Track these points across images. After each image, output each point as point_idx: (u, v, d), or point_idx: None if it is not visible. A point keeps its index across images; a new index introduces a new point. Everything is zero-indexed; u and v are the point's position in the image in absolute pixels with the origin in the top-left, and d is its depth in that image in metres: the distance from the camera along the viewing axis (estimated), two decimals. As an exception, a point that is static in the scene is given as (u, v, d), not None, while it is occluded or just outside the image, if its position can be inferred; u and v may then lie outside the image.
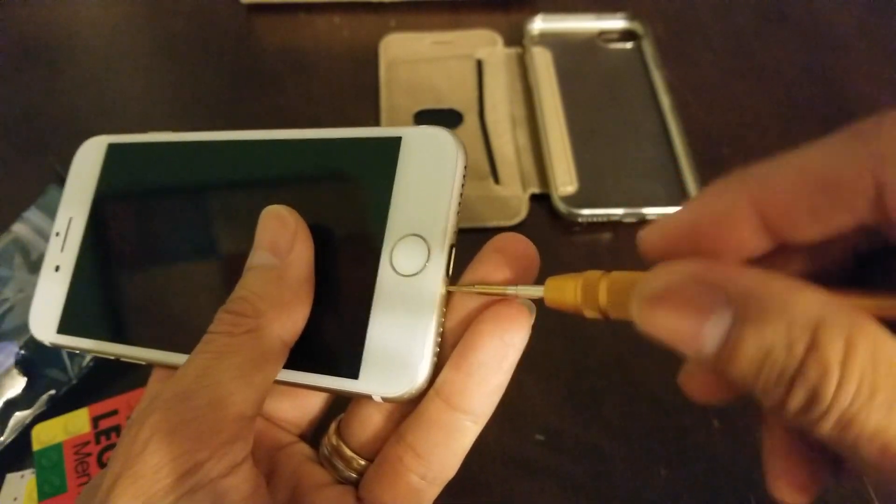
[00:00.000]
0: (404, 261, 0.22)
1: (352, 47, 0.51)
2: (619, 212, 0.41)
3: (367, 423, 0.24)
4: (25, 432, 0.34)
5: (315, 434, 0.27)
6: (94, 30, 0.53)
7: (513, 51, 0.49)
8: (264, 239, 0.23)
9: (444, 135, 0.23)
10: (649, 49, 0.48)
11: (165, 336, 0.26)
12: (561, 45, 0.49)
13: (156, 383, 0.26)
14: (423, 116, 0.46)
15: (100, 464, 0.32)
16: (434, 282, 0.21)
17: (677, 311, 0.15)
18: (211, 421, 0.19)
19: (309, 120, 0.47)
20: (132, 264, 0.28)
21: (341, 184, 0.24)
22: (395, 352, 0.21)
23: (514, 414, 0.35)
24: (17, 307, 0.37)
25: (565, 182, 0.42)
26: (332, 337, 0.23)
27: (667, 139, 0.44)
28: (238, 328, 0.21)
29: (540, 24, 0.50)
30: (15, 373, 0.35)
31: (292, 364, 0.23)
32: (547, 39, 0.49)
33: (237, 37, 0.52)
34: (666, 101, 0.45)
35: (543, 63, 0.48)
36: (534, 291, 0.20)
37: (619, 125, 0.45)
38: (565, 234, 0.42)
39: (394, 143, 0.23)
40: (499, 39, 0.50)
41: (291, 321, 0.22)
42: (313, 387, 0.23)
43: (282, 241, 0.22)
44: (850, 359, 0.13)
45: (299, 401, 0.26)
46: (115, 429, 0.33)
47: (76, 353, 0.35)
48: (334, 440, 0.24)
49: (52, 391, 0.35)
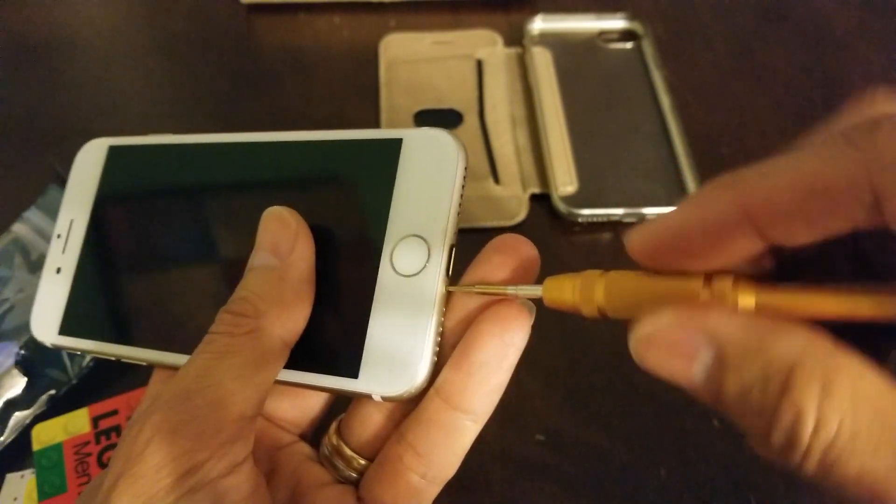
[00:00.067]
0: (404, 261, 0.22)
1: (352, 47, 0.51)
2: (619, 212, 0.41)
3: (367, 423, 0.24)
4: (25, 432, 0.34)
5: (315, 434, 0.27)
6: (94, 30, 0.53)
7: (513, 51, 0.49)
8: (265, 240, 0.23)
9: (445, 137, 0.23)
10: (649, 49, 0.48)
11: (166, 337, 0.26)
12: (561, 45, 0.49)
13: (157, 384, 0.26)
14: (423, 116, 0.46)
15: (100, 464, 0.32)
16: (434, 282, 0.21)
17: (666, 353, 0.16)
18: (211, 421, 0.19)
19: (309, 120, 0.47)
20: (133, 266, 0.28)
21: (342, 185, 0.24)
22: (395, 351, 0.21)
23: (514, 414, 0.35)
24: (17, 307, 0.37)
25: (565, 182, 0.42)
26: (333, 337, 0.23)
27: (667, 139, 0.44)
28: (239, 328, 0.21)
29: (540, 24, 0.50)
30: (15, 373, 0.35)
31: (293, 364, 0.23)
32: (547, 39, 0.49)
33: (237, 37, 0.52)
34: (666, 101, 0.45)
35: (543, 63, 0.48)
36: (533, 291, 0.20)
37: (619, 125, 0.45)
38: (565, 234, 0.42)
39: (395, 144, 0.23)
40: (499, 39, 0.50)
41: (292, 321, 0.22)
42: (313, 386, 0.23)
43: (283, 242, 0.22)
44: (827, 402, 0.13)
45: (299, 400, 0.26)
46: (116, 429, 0.33)
47: (77, 353, 0.35)
48: (334, 440, 0.25)
49: (52, 391, 0.35)
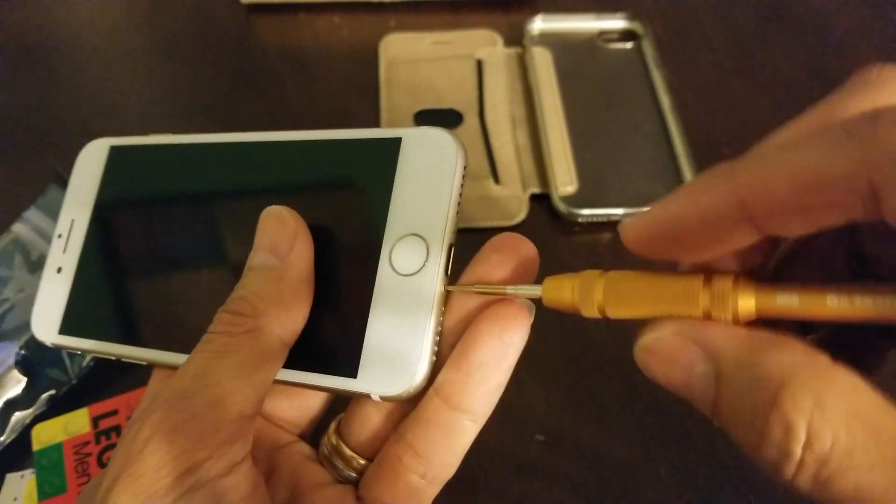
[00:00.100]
0: (403, 260, 0.22)
1: (352, 47, 0.51)
2: (619, 212, 0.41)
3: (366, 423, 0.24)
4: (25, 432, 0.34)
5: (315, 433, 0.27)
6: (94, 30, 0.53)
7: (513, 51, 0.49)
8: (264, 239, 0.23)
9: (444, 136, 0.23)
10: (649, 49, 0.48)
11: (166, 336, 0.26)
12: (561, 45, 0.49)
13: (156, 383, 0.26)
14: (423, 116, 0.46)
15: (100, 464, 0.32)
16: (433, 281, 0.21)
17: (666, 364, 0.16)
18: (210, 420, 0.19)
19: (309, 120, 0.47)
20: (134, 266, 0.28)
21: (341, 184, 0.24)
22: (394, 351, 0.21)
23: (514, 414, 0.35)
24: (17, 307, 0.37)
25: (565, 182, 0.42)
26: (332, 336, 0.23)
27: (667, 139, 0.44)
28: (238, 328, 0.21)
29: (540, 24, 0.50)
30: (15, 373, 0.35)
31: (291, 363, 0.23)
32: (547, 39, 0.49)
33: (237, 37, 0.52)
34: (666, 101, 0.45)
35: (543, 63, 0.48)
36: (532, 291, 0.20)
37: (619, 125, 0.45)
38: (565, 234, 0.42)
39: (394, 143, 0.23)
40: (499, 39, 0.50)
41: (291, 321, 0.22)
42: (312, 386, 0.23)
43: (282, 242, 0.22)
44: (820, 416, 0.13)
45: (299, 400, 0.26)
46: (116, 429, 0.33)
47: (77, 353, 0.35)
48: (334, 439, 0.25)
49: (52, 391, 0.35)
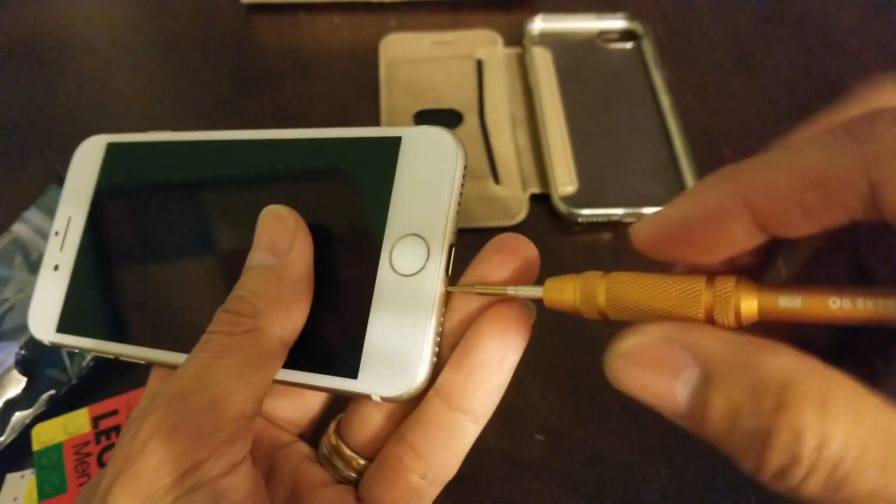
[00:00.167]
0: (404, 260, 0.22)
1: (352, 47, 0.51)
2: (619, 212, 0.41)
3: (366, 423, 0.24)
4: (25, 432, 0.34)
5: (314, 433, 0.27)
6: (94, 30, 0.53)
7: (513, 51, 0.49)
8: (263, 239, 0.23)
9: (444, 135, 0.23)
10: (649, 49, 0.48)
11: (165, 335, 0.26)
12: (561, 45, 0.49)
13: (155, 382, 0.26)
14: (423, 116, 0.46)
15: (100, 464, 0.32)
16: (433, 282, 0.21)
17: (648, 370, 0.16)
18: (210, 420, 0.19)
19: (309, 120, 0.47)
20: (131, 263, 0.28)
21: (341, 183, 0.24)
22: (395, 351, 0.21)
23: (514, 414, 0.35)
24: (17, 307, 0.37)
25: (565, 182, 0.42)
26: (332, 336, 0.23)
27: (667, 139, 0.44)
28: (237, 328, 0.21)
29: (540, 24, 0.50)
30: (15, 373, 0.35)
31: (291, 364, 0.23)
32: (547, 39, 0.49)
33: (237, 37, 0.52)
34: (666, 101, 0.45)
35: (543, 63, 0.48)
36: (533, 292, 0.20)
37: (619, 125, 0.45)
38: (565, 234, 0.42)
39: (394, 142, 0.23)
40: (499, 39, 0.50)
41: (290, 321, 0.22)
42: (312, 386, 0.23)
43: (281, 241, 0.22)
44: (829, 419, 0.13)
45: (298, 400, 0.26)
46: (116, 429, 0.33)
47: (76, 352, 0.35)
48: (334, 439, 0.24)
49: (52, 391, 0.35)
